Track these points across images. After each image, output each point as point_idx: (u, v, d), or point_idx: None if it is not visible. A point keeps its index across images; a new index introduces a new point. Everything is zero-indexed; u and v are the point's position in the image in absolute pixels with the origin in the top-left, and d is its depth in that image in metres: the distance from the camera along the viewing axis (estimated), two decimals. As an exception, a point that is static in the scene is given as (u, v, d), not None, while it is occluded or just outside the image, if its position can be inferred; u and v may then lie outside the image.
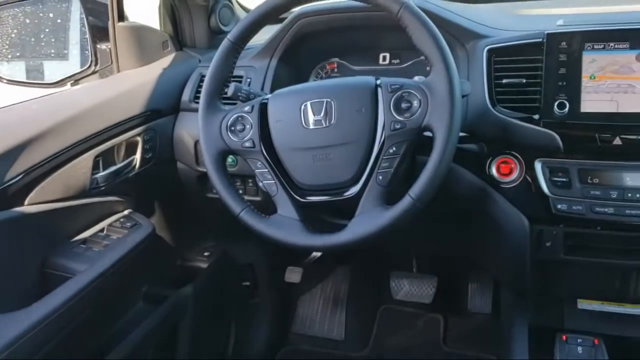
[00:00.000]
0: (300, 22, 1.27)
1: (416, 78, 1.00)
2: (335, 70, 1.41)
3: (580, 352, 1.01)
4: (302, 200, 1.02)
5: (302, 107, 1.01)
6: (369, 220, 0.94)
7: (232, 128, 1.04)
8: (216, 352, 1.71)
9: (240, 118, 1.04)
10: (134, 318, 1.39)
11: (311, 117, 1.00)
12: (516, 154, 1.08)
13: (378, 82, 0.99)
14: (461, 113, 0.92)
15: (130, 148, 1.32)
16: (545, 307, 1.20)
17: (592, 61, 1.01)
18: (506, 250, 1.12)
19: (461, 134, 1.11)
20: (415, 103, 0.94)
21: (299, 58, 1.37)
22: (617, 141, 0.98)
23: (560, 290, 1.22)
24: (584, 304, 1.19)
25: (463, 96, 0.96)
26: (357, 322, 1.89)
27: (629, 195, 0.99)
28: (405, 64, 1.35)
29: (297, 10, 1.28)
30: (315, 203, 1.02)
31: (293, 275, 1.78)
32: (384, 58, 1.38)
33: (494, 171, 1.09)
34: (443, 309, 1.86)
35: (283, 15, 1.21)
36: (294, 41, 1.31)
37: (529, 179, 1.07)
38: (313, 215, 1.20)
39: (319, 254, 1.81)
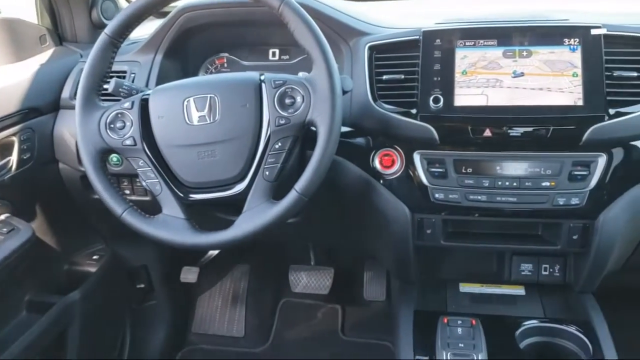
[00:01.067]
0: (184, 16, 1.24)
1: (300, 74, 1.01)
2: (225, 65, 1.40)
3: (460, 332, 1.07)
4: (187, 198, 1.00)
5: (185, 102, 0.99)
6: (255, 216, 0.94)
7: (112, 125, 1.00)
8: (110, 357, 1.65)
9: (120, 115, 1.00)
10: (17, 329, 1.31)
11: (194, 113, 0.99)
12: (397, 147, 1.13)
13: (262, 77, 1.00)
14: (342, 108, 0.95)
15: (6, 149, 1.24)
16: (430, 293, 1.26)
17: (464, 57, 1.08)
18: (391, 238, 1.16)
19: (346, 128, 1.15)
20: (299, 99, 0.96)
21: (186, 53, 1.34)
22: (487, 133, 1.04)
23: (444, 275, 1.29)
24: (465, 287, 1.27)
25: (345, 92, 0.99)
26: (256, 317, 1.90)
27: (499, 183, 1.07)
28: (295, 60, 1.36)
29: (180, 4, 1.25)
30: (201, 201, 1.01)
31: (189, 275, 1.74)
32: (274, 54, 1.39)
33: (377, 164, 1.13)
34: (341, 299, 1.91)
35: (167, 9, 1.19)
36: (179, 35, 1.28)
37: (409, 170, 1.11)
38: (204, 213, 1.19)
39: (215, 252, 1.80)
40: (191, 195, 1.00)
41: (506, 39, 1.07)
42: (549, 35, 1.05)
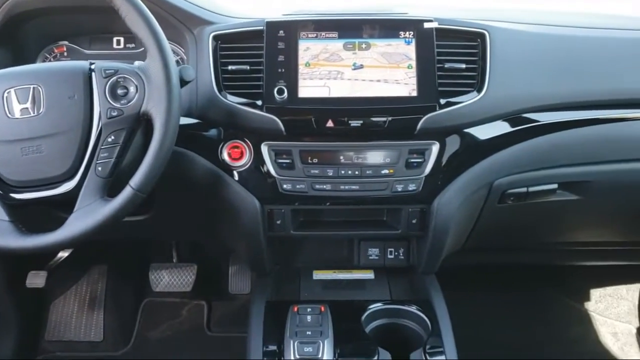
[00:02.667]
0: (11, 1, 1.14)
1: (136, 63, 0.96)
2: (65, 54, 1.30)
3: (309, 320, 1.09)
4: (12, 198, 0.92)
5: (5, 94, 0.91)
6: (87, 215, 0.89)
7: None
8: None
9: None
10: None
11: (16, 106, 0.91)
12: (245, 139, 1.12)
13: (92, 66, 0.94)
14: (179, 99, 0.92)
15: None
16: (285, 282, 1.28)
17: (307, 49, 1.09)
18: (243, 230, 1.16)
19: (192, 120, 1.12)
20: (132, 89, 0.92)
21: (19, 41, 1.23)
22: (330, 123, 1.07)
23: (299, 264, 1.31)
24: (318, 275, 1.29)
25: (186, 82, 0.96)
26: (116, 320, 1.81)
27: (342, 172, 1.10)
28: (142, 49, 1.30)
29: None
30: (27, 201, 0.93)
31: (36, 279, 1.61)
32: (118, 42, 1.31)
33: (225, 156, 1.12)
34: (206, 295, 1.87)
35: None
36: (8, 22, 1.17)
37: (257, 162, 1.11)
38: (48, 213, 1.10)
39: (66, 254, 1.68)
40: (14, 195, 0.92)
41: (346, 31, 1.09)
42: (386, 28, 1.09)
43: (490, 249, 1.57)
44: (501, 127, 1.13)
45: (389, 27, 1.09)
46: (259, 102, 1.07)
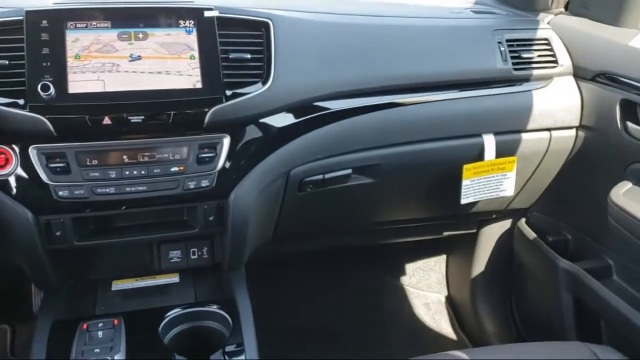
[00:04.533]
0: None
1: None
2: None
3: (100, 336, 1.00)
4: None
5: None
6: None
7: None
8: None
9: None
10: None
11: None
12: (10, 143, 0.99)
13: None
14: None
15: None
16: (80, 297, 1.16)
17: (76, 40, 0.99)
18: (17, 246, 1.03)
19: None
20: None
21: None
22: (107, 121, 0.98)
23: (95, 276, 1.20)
24: (117, 285, 1.19)
25: None
26: None
27: (127, 173, 1.01)
28: None
29: None
30: None
31: None
32: None
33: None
34: (8, 318, 1.67)
35: None
36: None
37: (26, 168, 0.99)
38: None
39: None
40: None
41: (120, 20, 1.01)
42: (163, 16, 1.03)
43: (305, 236, 1.58)
44: (292, 117, 1.13)
45: (166, 16, 1.03)
46: (21, 101, 0.95)
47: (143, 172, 1.02)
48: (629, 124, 1.24)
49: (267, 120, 1.10)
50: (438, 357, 1.04)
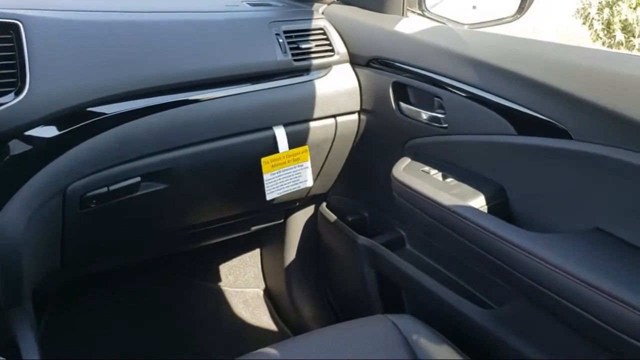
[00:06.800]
0: None
1: None
2: None
3: None
4: None
5: None
6: None
7: None
8: None
9: None
10: None
11: None
12: None
13: None
14: None
15: None
16: None
17: None
18: None
19: None
20: None
21: None
22: None
23: None
24: None
25: None
26: None
27: None
28: None
29: None
30: None
31: None
32: None
33: None
34: None
35: None
36: None
37: None
38: None
39: None
40: None
41: None
42: None
43: (103, 254, 1.45)
44: (62, 126, 1.01)
45: None
46: None
47: None
48: (402, 104, 1.33)
49: (31, 132, 0.98)
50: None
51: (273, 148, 1.33)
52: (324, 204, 1.71)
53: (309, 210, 1.78)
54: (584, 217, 1.00)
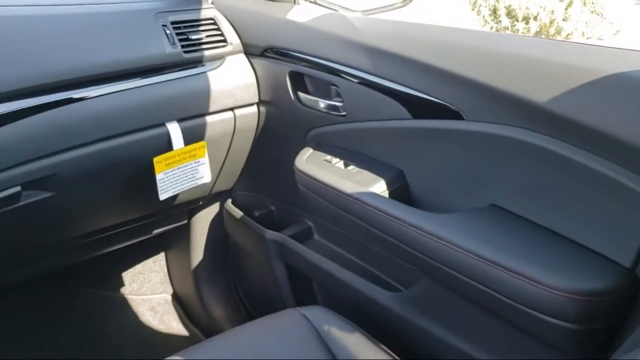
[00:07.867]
0: None
1: None
2: None
3: None
4: None
5: None
6: None
7: None
8: None
9: None
10: None
11: None
12: None
13: None
14: None
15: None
16: None
17: None
18: None
19: None
20: None
21: None
22: None
23: None
24: None
25: None
26: None
27: None
28: None
29: None
30: None
31: None
32: None
33: None
34: None
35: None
36: None
37: None
38: None
39: None
40: None
41: None
42: None
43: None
44: None
45: None
46: None
47: None
48: (300, 94, 1.31)
49: None
50: None
51: (167, 146, 1.26)
52: (229, 200, 1.66)
53: (214, 209, 1.72)
54: (480, 195, 1.03)
